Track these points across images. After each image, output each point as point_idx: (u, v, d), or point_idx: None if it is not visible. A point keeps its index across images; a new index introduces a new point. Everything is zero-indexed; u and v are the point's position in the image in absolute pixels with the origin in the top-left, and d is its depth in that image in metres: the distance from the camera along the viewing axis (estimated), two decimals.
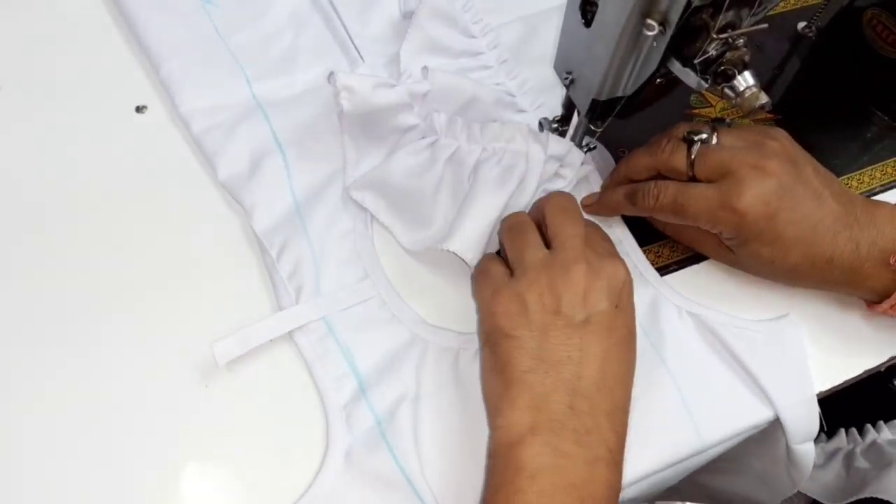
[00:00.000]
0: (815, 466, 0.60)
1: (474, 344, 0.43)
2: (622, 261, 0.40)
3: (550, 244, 0.40)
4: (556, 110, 0.49)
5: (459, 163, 0.48)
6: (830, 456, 0.61)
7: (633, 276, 0.41)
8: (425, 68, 0.48)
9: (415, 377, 0.42)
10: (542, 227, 0.42)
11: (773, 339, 0.44)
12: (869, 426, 0.63)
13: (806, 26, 0.59)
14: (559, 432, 0.35)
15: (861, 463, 0.57)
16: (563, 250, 0.39)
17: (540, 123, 0.48)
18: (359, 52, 0.52)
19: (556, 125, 0.47)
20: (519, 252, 0.40)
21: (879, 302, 0.43)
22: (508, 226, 0.42)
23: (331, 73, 0.45)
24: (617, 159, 0.50)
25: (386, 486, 0.39)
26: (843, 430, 0.67)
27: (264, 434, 0.41)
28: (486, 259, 0.43)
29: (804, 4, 0.60)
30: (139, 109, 0.49)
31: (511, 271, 0.40)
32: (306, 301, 0.43)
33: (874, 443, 0.60)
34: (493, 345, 0.39)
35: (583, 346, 0.37)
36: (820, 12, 0.59)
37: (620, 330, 0.38)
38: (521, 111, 0.51)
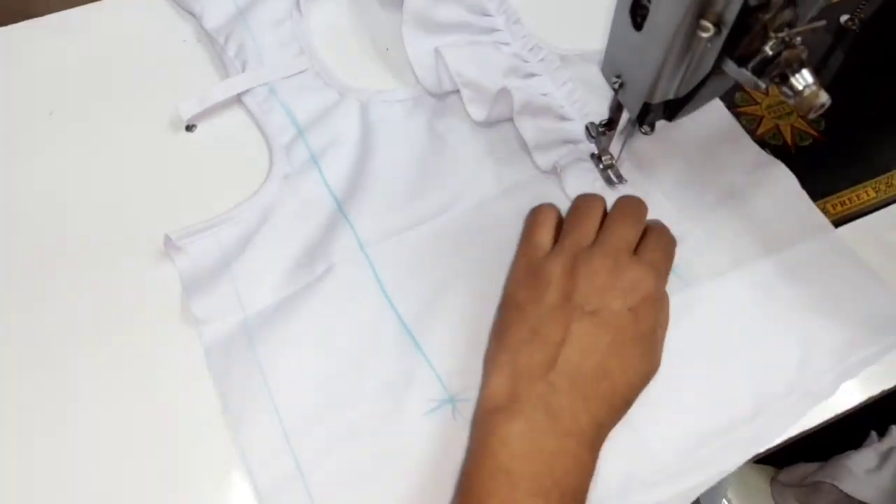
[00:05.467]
0: (870, 471, 0.59)
1: (387, 96, 0.52)
2: (659, 276, 0.41)
3: (598, 237, 0.42)
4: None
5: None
6: (885, 457, 0.60)
7: None
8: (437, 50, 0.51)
9: (342, 124, 0.50)
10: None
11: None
12: None
13: (849, 19, 0.58)
14: (535, 403, 0.37)
15: None
16: (601, 245, 0.41)
17: (587, 128, 0.48)
18: None
19: (602, 129, 0.47)
20: (567, 233, 0.42)
21: None
22: (577, 205, 0.44)
23: None
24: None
25: (316, 202, 0.47)
26: (894, 427, 0.66)
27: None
28: (538, 226, 0.44)
29: None
30: (189, 129, 0.50)
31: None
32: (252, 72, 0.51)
33: None
34: (505, 308, 0.42)
35: (581, 332, 0.38)
36: (864, 5, 0.58)
37: (628, 332, 0.39)
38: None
